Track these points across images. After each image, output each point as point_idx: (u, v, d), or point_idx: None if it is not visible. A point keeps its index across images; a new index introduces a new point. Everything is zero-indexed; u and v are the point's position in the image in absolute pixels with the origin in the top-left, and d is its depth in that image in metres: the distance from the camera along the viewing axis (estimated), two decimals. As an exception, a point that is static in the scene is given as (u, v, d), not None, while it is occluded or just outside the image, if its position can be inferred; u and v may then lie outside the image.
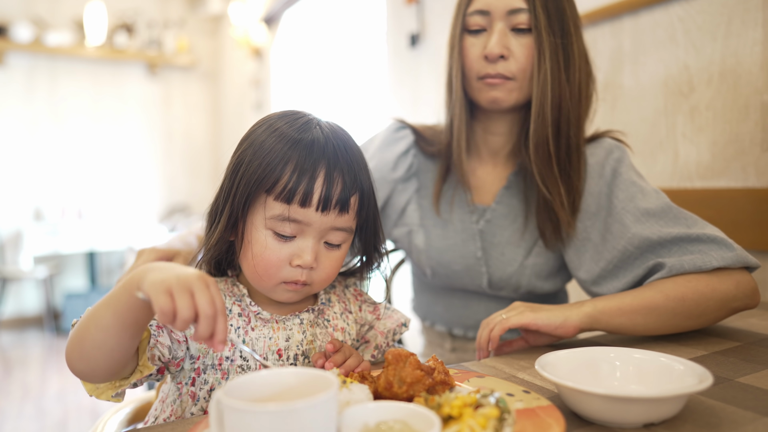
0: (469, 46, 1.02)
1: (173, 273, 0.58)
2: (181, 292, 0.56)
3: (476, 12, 1.01)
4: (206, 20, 5.35)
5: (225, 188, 0.76)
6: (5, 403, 3.08)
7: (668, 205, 0.96)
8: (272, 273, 0.74)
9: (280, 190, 0.71)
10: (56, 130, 4.76)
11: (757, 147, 1.23)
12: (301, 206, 0.71)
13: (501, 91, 1.01)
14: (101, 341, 0.62)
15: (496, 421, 0.52)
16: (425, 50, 2.37)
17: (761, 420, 0.59)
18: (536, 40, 0.97)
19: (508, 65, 0.99)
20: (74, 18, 4.72)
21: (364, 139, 1.22)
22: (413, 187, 1.16)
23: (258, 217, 0.74)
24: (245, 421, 0.46)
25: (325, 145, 0.73)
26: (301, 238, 0.74)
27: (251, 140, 0.75)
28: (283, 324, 0.78)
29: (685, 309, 0.87)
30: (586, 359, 0.69)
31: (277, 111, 0.80)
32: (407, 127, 1.18)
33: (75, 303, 4.51)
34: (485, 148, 1.13)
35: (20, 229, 4.58)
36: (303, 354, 0.78)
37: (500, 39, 0.98)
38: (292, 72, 4.10)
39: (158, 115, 5.19)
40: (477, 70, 1.02)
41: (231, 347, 0.75)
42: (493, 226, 1.10)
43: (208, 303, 0.56)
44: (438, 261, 1.12)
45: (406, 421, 0.51)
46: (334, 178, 0.72)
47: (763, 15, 1.20)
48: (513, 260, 1.08)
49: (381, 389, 0.62)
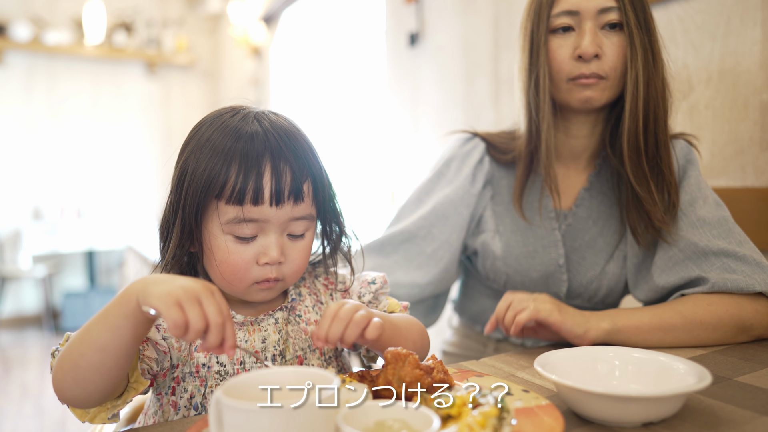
0: (556, 48, 1.00)
1: (177, 284, 0.57)
2: (191, 303, 0.56)
3: (564, 13, 0.99)
4: (205, 19, 5.35)
5: (173, 201, 0.74)
6: (4, 402, 3.08)
7: (724, 217, 0.96)
8: (241, 276, 0.73)
9: (230, 194, 0.69)
10: (55, 129, 4.75)
11: (756, 146, 1.23)
12: (254, 205, 0.70)
13: (595, 91, 0.99)
14: (99, 362, 0.61)
15: (495, 420, 0.52)
16: (425, 49, 2.37)
17: (760, 419, 0.59)
18: (628, 38, 0.97)
19: (601, 64, 0.98)
20: (73, 17, 4.71)
21: (439, 163, 1.18)
22: (488, 194, 1.13)
23: (214, 225, 0.72)
24: (244, 420, 0.46)
25: (265, 138, 0.71)
26: (263, 235, 0.72)
27: (191, 147, 0.73)
28: (258, 325, 0.77)
29: (701, 332, 0.89)
30: (586, 358, 0.69)
31: (213, 111, 0.77)
32: (475, 137, 1.15)
33: (74, 302, 4.51)
34: (566, 151, 1.10)
35: (19, 228, 4.57)
36: (280, 354, 0.77)
37: (593, 38, 0.97)
38: (292, 71, 4.09)
39: (157, 114, 5.18)
40: (568, 71, 0.99)
41: (207, 352, 0.73)
42: (573, 230, 1.09)
43: (216, 312, 0.57)
44: (515, 268, 1.09)
45: (405, 420, 0.51)
46: (281, 170, 0.70)
47: (762, 14, 1.20)
48: (595, 264, 1.07)
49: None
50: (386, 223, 1.21)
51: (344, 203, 0.84)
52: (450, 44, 2.21)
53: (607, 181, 1.08)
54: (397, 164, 2.63)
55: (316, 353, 0.81)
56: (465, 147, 1.14)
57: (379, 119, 2.85)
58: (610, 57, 0.98)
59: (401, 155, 2.59)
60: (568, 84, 1.00)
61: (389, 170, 2.70)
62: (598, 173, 1.09)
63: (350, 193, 3.44)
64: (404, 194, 2.54)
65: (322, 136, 3.81)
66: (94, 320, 0.62)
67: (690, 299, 0.91)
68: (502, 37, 1.96)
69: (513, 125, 1.15)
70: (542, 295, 0.91)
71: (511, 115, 1.91)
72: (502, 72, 1.97)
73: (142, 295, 0.58)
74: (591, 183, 1.09)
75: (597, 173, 1.09)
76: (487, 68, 2.03)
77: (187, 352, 0.75)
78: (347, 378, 0.64)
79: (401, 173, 2.59)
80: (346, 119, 3.54)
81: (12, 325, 4.63)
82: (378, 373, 0.64)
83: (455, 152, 1.15)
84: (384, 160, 2.76)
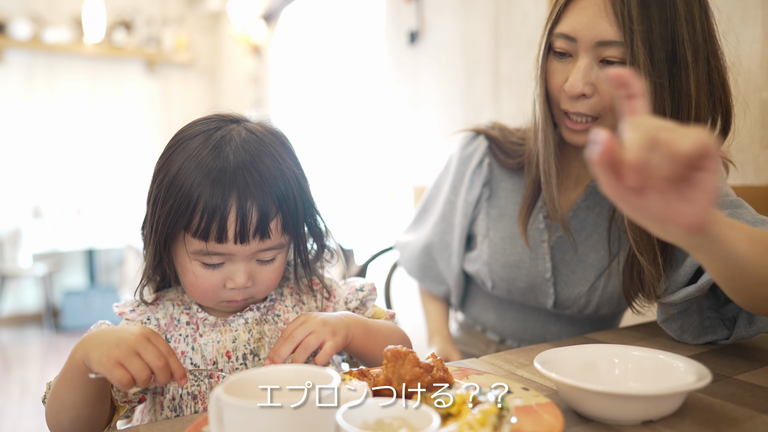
0: (552, 71, 0.89)
1: (112, 342, 0.61)
2: (130, 359, 0.60)
3: (562, 35, 0.86)
4: (205, 17, 5.34)
5: (148, 218, 0.76)
6: (5, 400, 3.08)
7: (741, 202, 0.86)
8: (210, 297, 0.75)
9: (195, 229, 0.70)
10: (55, 128, 4.75)
11: (756, 144, 1.23)
12: (218, 242, 0.70)
13: (585, 135, 0.89)
14: (75, 416, 0.67)
15: (495, 419, 0.52)
16: (425, 48, 2.37)
17: (760, 417, 0.60)
18: None
19: (592, 103, 0.86)
20: (73, 15, 4.71)
21: (440, 168, 1.19)
22: (484, 196, 1.09)
23: (181, 251, 0.74)
24: (244, 418, 0.46)
25: (234, 172, 0.69)
26: (230, 264, 0.73)
27: (162, 176, 0.73)
28: (228, 326, 0.79)
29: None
30: (586, 357, 0.69)
31: (197, 122, 0.75)
32: (480, 135, 1.10)
33: (74, 300, 4.51)
34: (575, 163, 1.02)
35: (19, 227, 4.57)
36: (252, 353, 0.79)
37: (583, 76, 0.83)
38: (291, 69, 4.09)
39: (157, 112, 5.17)
40: (559, 101, 0.90)
41: (182, 355, 0.77)
42: (564, 242, 1.02)
43: (156, 357, 0.61)
44: (500, 276, 1.06)
45: (405, 418, 0.51)
46: (247, 210, 0.69)
47: (763, 12, 1.20)
48: (584, 279, 1.01)
49: (380, 386, 0.62)
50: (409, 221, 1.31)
51: (329, 214, 0.83)
52: (450, 42, 2.21)
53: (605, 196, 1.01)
54: (397, 163, 2.62)
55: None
56: (466, 149, 1.12)
57: (379, 118, 2.85)
58: (605, 95, 0.84)
59: (401, 153, 2.58)
60: (560, 111, 0.91)
61: (389, 169, 2.70)
62: (597, 184, 0.99)
63: (350, 192, 3.44)
64: (407, 192, 2.54)
65: (321, 135, 3.81)
66: (58, 381, 0.67)
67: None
68: (502, 36, 1.95)
69: (526, 125, 1.08)
70: None
71: (512, 113, 1.91)
72: (502, 70, 1.96)
73: (87, 361, 0.62)
74: (588, 194, 1.01)
75: (596, 184, 0.99)
76: (487, 66, 2.02)
77: None
78: (347, 376, 0.64)
79: (401, 172, 2.59)
80: (346, 118, 3.54)
81: (12, 323, 4.63)
82: (378, 372, 0.65)
83: (455, 157, 1.14)
84: (384, 159, 2.76)
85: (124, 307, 0.80)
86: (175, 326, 0.79)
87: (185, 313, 0.80)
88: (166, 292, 0.83)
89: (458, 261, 1.15)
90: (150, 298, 0.80)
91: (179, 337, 0.79)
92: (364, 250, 1.99)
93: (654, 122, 0.52)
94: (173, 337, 0.79)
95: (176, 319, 0.80)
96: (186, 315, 0.80)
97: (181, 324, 0.79)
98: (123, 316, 0.80)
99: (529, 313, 1.11)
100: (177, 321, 0.80)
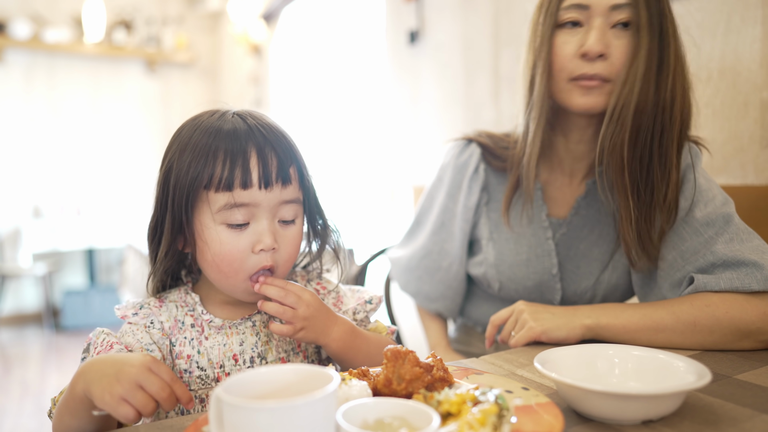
0: (561, 44, 0.94)
1: (113, 375, 0.58)
2: (133, 393, 0.58)
3: (573, 6, 0.92)
4: (205, 17, 5.34)
5: (160, 200, 0.76)
6: (5, 400, 3.08)
7: (728, 214, 0.90)
8: (237, 267, 0.74)
9: (218, 182, 0.71)
10: (55, 128, 4.74)
11: (756, 144, 1.23)
12: (243, 189, 0.71)
13: (596, 96, 0.93)
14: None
15: (494, 418, 0.52)
16: (425, 47, 2.37)
17: (759, 417, 0.60)
18: (633, 37, 0.90)
19: (607, 65, 0.91)
20: (73, 15, 4.71)
21: (434, 178, 1.19)
22: (483, 201, 1.11)
23: (205, 216, 0.73)
24: (244, 418, 0.46)
25: (248, 130, 0.73)
26: (255, 222, 0.74)
27: (174, 149, 0.75)
28: (235, 329, 0.79)
29: (695, 335, 0.83)
30: (585, 356, 0.69)
31: (192, 116, 0.80)
32: (472, 142, 1.12)
33: (74, 300, 4.51)
34: (567, 157, 1.05)
35: (19, 227, 4.57)
36: (259, 356, 0.78)
37: (601, 36, 0.90)
38: (291, 69, 4.09)
39: (157, 112, 5.17)
40: (570, 70, 0.93)
41: (188, 358, 0.77)
42: (568, 238, 1.05)
43: (160, 388, 0.58)
44: (508, 276, 1.08)
45: (405, 417, 0.51)
46: (267, 155, 0.73)
47: (763, 12, 1.20)
48: (589, 273, 1.04)
49: (380, 386, 0.62)
50: (401, 236, 1.30)
51: (329, 200, 0.86)
52: (450, 42, 2.21)
53: (604, 191, 1.02)
54: (397, 163, 2.62)
55: (299, 355, 0.82)
56: (461, 158, 1.13)
57: (379, 117, 2.85)
58: (617, 58, 0.91)
59: (401, 153, 2.58)
60: (568, 84, 0.94)
61: (389, 169, 2.70)
62: (597, 181, 1.03)
63: (350, 191, 3.44)
64: (407, 193, 2.54)
65: (321, 134, 3.81)
66: (61, 407, 0.64)
67: (687, 299, 0.85)
68: (502, 35, 1.95)
69: (515, 127, 1.11)
70: (517, 305, 0.92)
71: (512, 113, 1.91)
72: (502, 70, 1.96)
73: (89, 394, 0.59)
74: (588, 191, 1.05)
75: (595, 181, 1.03)
76: (487, 66, 2.02)
77: (169, 359, 0.77)
78: (347, 376, 0.64)
79: (401, 171, 2.59)
80: (346, 117, 3.54)
81: (12, 323, 4.63)
82: (378, 371, 0.65)
83: (451, 165, 1.15)
84: (384, 159, 2.76)
85: (126, 310, 0.78)
86: (179, 329, 0.78)
87: (189, 315, 0.79)
88: (169, 293, 0.82)
89: (460, 267, 1.15)
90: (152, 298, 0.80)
91: (184, 340, 0.77)
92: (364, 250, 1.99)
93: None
94: (178, 340, 0.77)
95: (180, 321, 0.78)
96: (190, 317, 0.79)
97: (186, 326, 0.78)
98: (125, 319, 0.78)
99: None
100: (181, 323, 0.78)
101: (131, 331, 0.76)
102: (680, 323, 0.84)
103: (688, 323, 0.83)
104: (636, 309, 0.87)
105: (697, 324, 0.83)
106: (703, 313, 0.83)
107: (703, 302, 0.84)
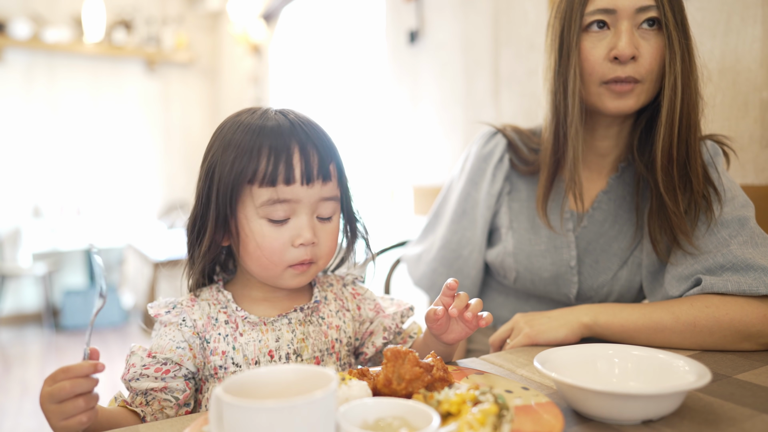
0: (589, 48, 0.94)
1: (45, 411, 0.62)
2: (61, 409, 0.61)
3: (599, 11, 0.93)
4: (205, 17, 5.34)
5: (203, 195, 0.78)
6: (5, 400, 3.08)
7: (745, 218, 0.91)
8: (277, 259, 0.76)
9: (262, 177, 0.73)
10: (55, 127, 4.74)
11: (756, 144, 1.23)
12: (286, 185, 0.73)
13: (630, 98, 0.94)
14: None
15: (494, 418, 0.52)
16: (425, 47, 2.37)
17: (759, 416, 0.60)
18: (667, 39, 0.91)
19: (638, 66, 0.92)
20: (72, 14, 4.71)
21: (455, 171, 1.21)
22: (506, 190, 1.12)
23: (249, 209, 0.75)
24: (244, 417, 0.46)
25: (291, 127, 0.76)
26: (295, 218, 0.76)
27: (218, 144, 0.77)
28: (271, 326, 0.79)
29: (695, 335, 0.84)
30: (585, 356, 0.69)
31: (231, 114, 0.81)
32: (498, 133, 1.14)
33: (74, 300, 4.51)
34: (590, 153, 1.06)
35: (19, 227, 4.57)
36: (295, 353, 0.79)
37: (631, 38, 0.91)
38: (291, 69, 4.09)
39: (157, 111, 5.17)
40: (602, 74, 0.94)
41: (223, 354, 0.77)
42: (588, 232, 1.06)
43: (66, 388, 0.61)
44: (526, 266, 1.08)
45: (404, 417, 0.51)
46: (309, 152, 0.75)
47: (763, 12, 1.20)
48: (607, 268, 1.05)
49: (380, 386, 0.62)
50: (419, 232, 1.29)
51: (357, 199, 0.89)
52: (450, 42, 2.21)
53: (627, 186, 1.05)
54: (397, 162, 2.62)
55: (333, 357, 0.83)
56: (486, 147, 1.14)
57: (379, 117, 2.85)
58: (647, 59, 0.92)
59: (401, 153, 2.58)
60: (600, 87, 0.95)
61: (389, 168, 2.70)
62: (620, 177, 1.06)
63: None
64: (407, 191, 2.54)
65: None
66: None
67: (687, 300, 0.86)
68: (502, 35, 1.95)
69: (540, 127, 1.12)
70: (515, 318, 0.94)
71: (512, 112, 1.91)
72: (502, 69, 1.96)
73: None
74: (611, 186, 1.06)
75: (618, 176, 1.06)
76: (487, 66, 2.02)
77: (201, 357, 0.78)
78: (347, 376, 0.64)
79: (401, 171, 2.59)
80: (346, 117, 3.54)
81: (12, 322, 4.63)
82: (378, 371, 0.65)
83: (476, 152, 1.16)
84: (384, 158, 2.76)
85: (159, 309, 0.79)
86: (213, 325, 0.78)
87: (223, 312, 0.80)
88: (200, 292, 0.82)
89: (480, 256, 1.15)
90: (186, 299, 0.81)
91: (218, 337, 0.78)
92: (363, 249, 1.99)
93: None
94: (212, 336, 0.78)
95: (214, 318, 0.79)
96: (224, 314, 0.79)
97: (220, 323, 0.78)
98: (158, 318, 0.79)
99: (547, 306, 1.12)
100: (215, 320, 0.79)
101: (163, 332, 0.78)
102: (680, 323, 0.84)
103: (687, 324, 0.84)
104: (635, 308, 0.88)
105: (696, 324, 0.84)
106: (703, 314, 0.84)
107: (703, 303, 0.85)
